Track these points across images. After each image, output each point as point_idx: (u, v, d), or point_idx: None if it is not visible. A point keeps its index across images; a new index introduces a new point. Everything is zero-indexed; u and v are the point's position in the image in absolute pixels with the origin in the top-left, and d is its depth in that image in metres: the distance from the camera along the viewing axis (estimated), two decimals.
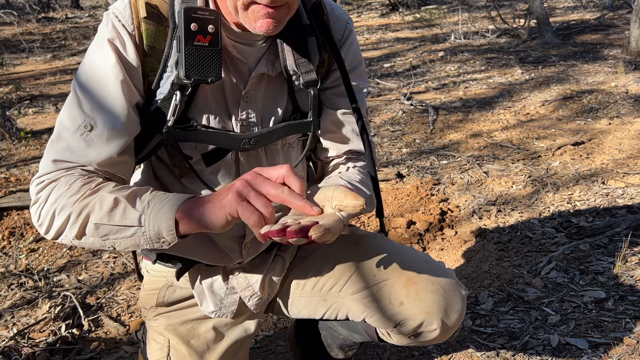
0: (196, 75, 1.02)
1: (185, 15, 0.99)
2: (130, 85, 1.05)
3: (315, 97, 1.16)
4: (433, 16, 9.80)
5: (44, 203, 1.03)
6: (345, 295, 1.27)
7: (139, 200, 1.00)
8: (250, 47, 1.11)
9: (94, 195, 1.00)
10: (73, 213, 1.00)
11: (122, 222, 0.99)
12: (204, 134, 1.10)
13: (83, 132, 1.03)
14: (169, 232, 0.96)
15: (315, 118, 1.18)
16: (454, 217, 2.73)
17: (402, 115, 4.45)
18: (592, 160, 3.30)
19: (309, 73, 1.14)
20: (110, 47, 1.03)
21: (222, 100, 1.13)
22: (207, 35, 1.01)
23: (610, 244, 2.33)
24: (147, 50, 1.05)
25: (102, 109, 1.03)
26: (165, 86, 1.07)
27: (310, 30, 1.13)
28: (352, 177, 1.21)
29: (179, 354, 1.31)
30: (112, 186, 1.02)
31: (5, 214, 2.91)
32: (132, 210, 0.98)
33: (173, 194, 1.00)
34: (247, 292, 1.29)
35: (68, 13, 12.65)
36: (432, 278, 1.21)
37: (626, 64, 5.46)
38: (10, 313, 2.12)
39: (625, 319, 1.86)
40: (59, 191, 1.01)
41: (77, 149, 1.03)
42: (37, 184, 1.05)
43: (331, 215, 0.94)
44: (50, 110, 5.14)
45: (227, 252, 1.24)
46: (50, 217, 1.02)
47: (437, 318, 1.19)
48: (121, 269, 2.41)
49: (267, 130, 1.15)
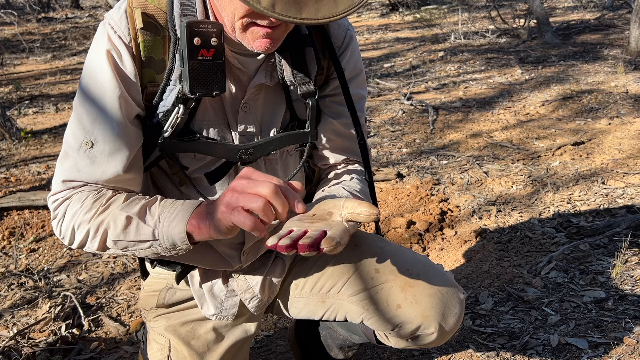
0: (201, 90, 1.02)
1: (188, 30, 0.98)
2: (127, 99, 1.04)
3: (313, 107, 1.16)
4: (433, 16, 9.80)
5: (62, 219, 1.07)
6: (343, 296, 1.26)
7: (149, 214, 1.03)
8: (249, 58, 1.11)
9: (106, 211, 1.04)
10: (91, 229, 1.04)
11: (137, 237, 1.03)
12: (201, 145, 1.11)
13: (86, 149, 1.04)
14: (183, 242, 1.01)
15: (313, 129, 1.19)
16: (454, 217, 2.73)
17: (402, 115, 4.45)
18: (592, 160, 3.30)
19: (307, 84, 1.14)
20: (107, 60, 1.03)
21: (221, 110, 1.13)
22: (210, 49, 1.01)
23: (610, 244, 2.34)
24: (145, 61, 1.05)
25: (101, 125, 1.04)
26: (169, 99, 1.07)
27: (309, 41, 1.13)
28: (353, 187, 1.22)
29: (179, 354, 1.31)
30: (122, 200, 1.05)
31: (5, 214, 2.91)
32: (145, 226, 1.02)
33: (181, 203, 1.03)
34: (248, 294, 1.29)
35: (68, 13, 12.64)
36: (430, 281, 1.20)
37: (626, 64, 5.46)
38: (10, 313, 2.12)
39: (625, 319, 1.86)
40: (74, 209, 1.05)
41: (82, 166, 1.05)
42: (52, 201, 1.09)
43: (339, 224, 0.95)
44: (50, 110, 5.14)
45: (226, 258, 1.24)
46: (70, 232, 1.06)
47: (434, 322, 1.18)
48: (121, 269, 2.41)
49: (265, 141, 1.15)
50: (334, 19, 0.88)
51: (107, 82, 1.03)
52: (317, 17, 0.87)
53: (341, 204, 0.98)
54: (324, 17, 0.87)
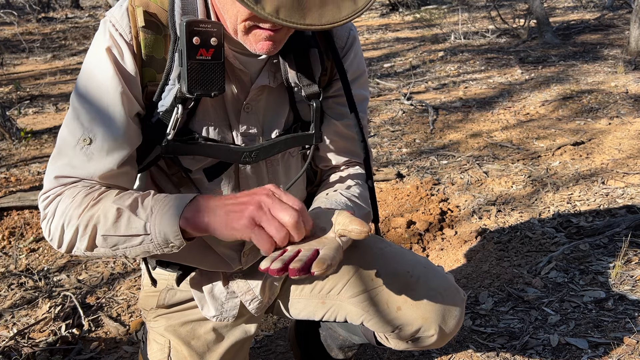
0: (199, 90, 1.01)
1: (187, 29, 0.98)
2: (129, 96, 1.04)
3: (317, 109, 1.15)
4: (433, 16, 9.80)
5: (52, 218, 1.03)
6: (343, 298, 1.26)
7: (141, 207, 0.99)
8: (251, 58, 1.10)
9: (97, 205, 1.00)
10: (80, 225, 1.00)
11: (128, 231, 0.98)
12: (204, 147, 1.09)
13: (83, 146, 1.02)
14: (176, 237, 0.96)
15: (317, 131, 1.17)
16: (454, 217, 2.73)
17: (402, 115, 4.45)
18: (592, 160, 3.30)
19: (311, 86, 1.13)
20: (108, 58, 1.02)
21: (222, 111, 1.12)
22: (209, 49, 1.00)
23: (610, 244, 2.34)
24: (145, 60, 1.04)
25: (101, 122, 1.02)
26: (167, 99, 1.06)
27: (313, 42, 1.12)
28: (352, 192, 1.21)
29: (179, 354, 1.31)
30: (114, 194, 1.02)
31: (5, 214, 2.91)
32: (136, 219, 0.98)
33: (174, 196, 1.00)
34: (248, 296, 1.29)
35: (68, 13, 12.64)
36: (431, 283, 1.19)
37: (626, 64, 5.46)
38: (10, 313, 2.12)
39: (625, 319, 1.86)
40: (64, 204, 1.02)
41: (77, 163, 1.03)
42: (43, 199, 1.05)
43: (332, 242, 0.94)
44: (50, 110, 5.14)
45: (226, 259, 1.24)
46: (60, 231, 1.02)
47: (434, 324, 1.17)
48: (121, 269, 2.41)
49: (268, 143, 1.14)
50: (338, 25, 0.88)
51: (108, 79, 1.02)
52: (321, 23, 0.86)
53: (334, 218, 0.97)
54: (327, 23, 0.87)
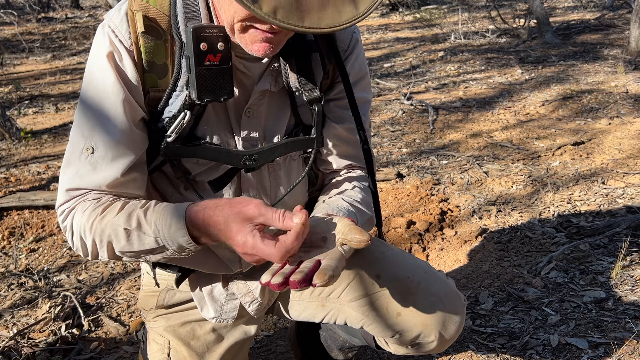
0: (209, 96, 1.01)
1: (194, 36, 0.97)
2: (132, 102, 1.03)
3: (319, 113, 1.15)
4: (433, 16, 9.80)
5: (72, 231, 1.07)
6: (343, 301, 1.24)
7: (146, 224, 1.01)
8: (253, 62, 1.10)
9: (103, 221, 1.02)
10: (96, 239, 1.04)
11: (142, 247, 1.02)
12: (205, 150, 1.09)
13: (87, 155, 1.04)
14: (189, 244, 1.00)
15: (318, 135, 1.17)
16: (454, 217, 2.73)
17: (402, 115, 4.45)
18: (592, 160, 3.30)
19: (312, 90, 1.12)
20: (109, 65, 1.01)
21: (224, 114, 1.12)
22: (217, 54, 0.99)
23: (610, 244, 2.33)
24: (146, 66, 1.03)
25: (102, 130, 1.03)
26: (175, 105, 1.06)
27: (314, 46, 1.11)
28: (354, 197, 1.20)
29: (179, 355, 1.31)
30: (117, 209, 1.03)
31: (5, 214, 2.91)
32: (145, 236, 1.01)
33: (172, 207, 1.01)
34: (248, 297, 1.29)
35: (68, 13, 12.64)
36: (431, 288, 1.17)
37: (626, 64, 5.46)
38: (10, 313, 2.12)
39: (625, 319, 1.86)
40: (78, 219, 1.05)
41: (84, 173, 1.05)
42: (59, 213, 1.08)
43: (334, 251, 0.94)
44: (50, 110, 5.14)
45: (226, 262, 1.24)
46: (81, 243, 1.06)
47: (434, 330, 1.16)
48: (121, 269, 2.41)
49: (269, 147, 1.13)
50: (338, 29, 0.86)
51: (110, 86, 1.01)
52: (320, 26, 0.85)
53: (335, 227, 0.97)
54: (326, 27, 0.85)
